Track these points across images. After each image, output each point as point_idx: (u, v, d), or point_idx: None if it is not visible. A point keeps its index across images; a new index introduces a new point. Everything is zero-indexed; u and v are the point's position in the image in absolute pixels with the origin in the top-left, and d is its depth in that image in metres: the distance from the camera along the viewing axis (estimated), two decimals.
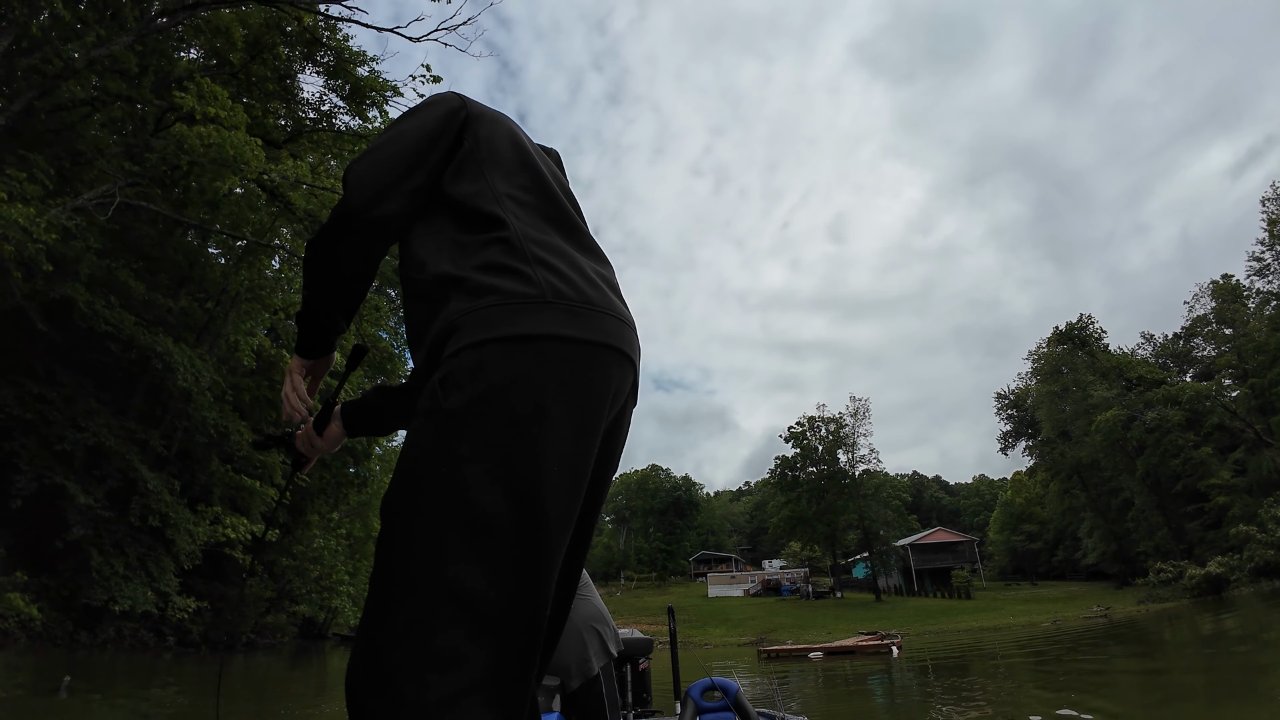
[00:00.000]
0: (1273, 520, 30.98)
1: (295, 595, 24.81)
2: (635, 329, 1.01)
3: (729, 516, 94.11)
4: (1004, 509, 68.57)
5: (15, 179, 8.44)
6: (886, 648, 20.57)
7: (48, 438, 13.52)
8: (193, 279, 18.92)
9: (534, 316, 0.85)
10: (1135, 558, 43.10)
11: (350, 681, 0.75)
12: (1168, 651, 12.36)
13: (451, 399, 0.80)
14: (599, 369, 0.89)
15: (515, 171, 1.05)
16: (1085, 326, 48.76)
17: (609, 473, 1.02)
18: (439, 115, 1.06)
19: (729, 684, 2.68)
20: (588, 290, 0.93)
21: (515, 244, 0.93)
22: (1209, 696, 6.41)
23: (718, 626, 40.67)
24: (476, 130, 1.08)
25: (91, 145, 11.13)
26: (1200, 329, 49.44)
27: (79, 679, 8.34)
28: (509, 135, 1.11)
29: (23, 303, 12.88)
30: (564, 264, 0.94)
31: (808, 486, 51.72)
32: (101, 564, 13.39)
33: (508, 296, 0.86)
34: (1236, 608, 22.66)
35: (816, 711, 7.44)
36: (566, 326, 0.86)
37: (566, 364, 0.84)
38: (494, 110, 1.16)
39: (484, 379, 0.80)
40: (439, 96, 1.11)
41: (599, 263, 1.05)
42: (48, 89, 10.15)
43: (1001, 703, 6.96)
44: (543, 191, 1.06)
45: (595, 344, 0.89)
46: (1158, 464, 40.31)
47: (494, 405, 0.79)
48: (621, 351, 0.93)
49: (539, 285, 0.88)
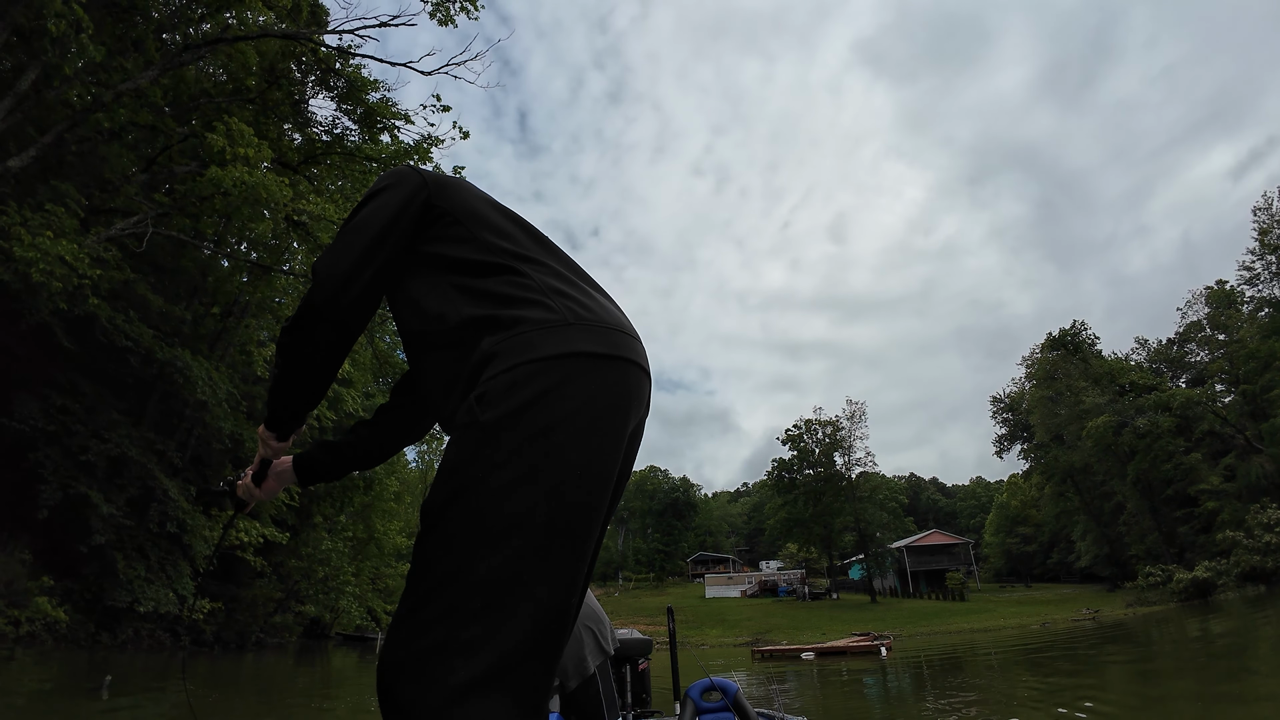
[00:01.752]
0: (1259, 526, 31.46)
1: (302, 596, 25.46)
2: (638, 338, 1.09)
3: (727, 517, 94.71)
4: (999, 511, 69.21)
5: (55, 213, 9.03)
6: (876, 648, 21.22)
7: (71, 448, 14.12)
8: (204, 289, 19.55)
9: (560, 337, 0.91)
10: (1127, 561, 43.56)
11: (381, 668, 0.80)
12: (1146, 652, 12.84)
13: (487, 413, 0.85)
14: (620, 380, 0.95)
15: (500, 223, 1.10)
16: (1078, 333, 49.41)
17: (624, 479, 1.07)
18: (400, 198, 1.07)
19: (728, 684, 2.69)
20: (600, 313, 1.00)
21: (528, 281, 1.00)
22: (1178, 699, 6.85)
23: (714, 627, 41.24)
24: (444, 200, 1.09)
25: (118, 172, 11.71)
26: (1194, 334, 50.05)
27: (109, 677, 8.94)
28: (479, 197, 1.15)
29: (49, 319, 13.50)
30: (576, 292, 1.02)
31: (804, 489, 52.33)
32: (125, 568, 14.01)
33: (537, 324, 0.93)
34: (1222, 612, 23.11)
35: (816, 711, 7.60)
36: (589, 344, 0.93)
37: (591, 377, 0.90)
38: (457, 178, 1.19)
39: (517, 395, 0.85)
40: (398, 176, 1.11)
41: (601, 292, 1.11)
42: (76, 121, 10.74)
43: (988, 702, 7.43)
44: (532, 236, 1.12)
45: (615, 358, 0.95)
46: (1149, 469, 40.85)
47: (526, 417, 0.84)
48: (638, 364, 1.00)
49: (560, 311, 0.95)
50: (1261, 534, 31.03)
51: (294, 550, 23.99)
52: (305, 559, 24.60)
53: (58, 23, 9.29)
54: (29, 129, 10.91)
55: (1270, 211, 40.21)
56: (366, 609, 31.52)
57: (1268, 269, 39.67)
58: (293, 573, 24.63)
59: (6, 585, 12.94)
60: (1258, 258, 40.13)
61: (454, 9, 15.26)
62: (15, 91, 11.20)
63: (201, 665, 15.06)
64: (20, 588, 13.19)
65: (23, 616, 12.92)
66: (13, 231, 8.33)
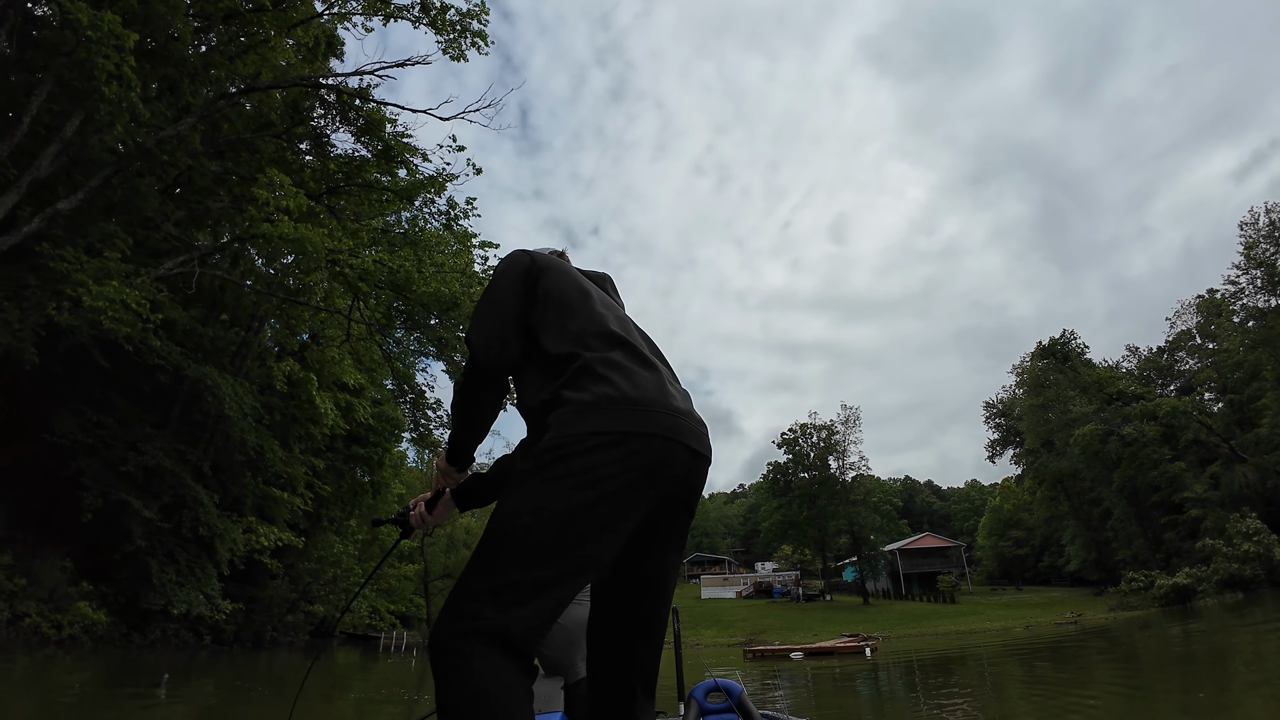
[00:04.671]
0: (1238, 535, 32.31)
1: (311, 596, 26.46)
2: (694, 417, 1.30)
3: (723, 519, 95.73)
4: (992, 515, 70.08)
5: (112, 259, 9.99)
6: (861, 649, 22.33)
7: (109, 459, 15.10)
8: (223, 303, 20.51)
9: (584, 420, 1.16)
10: (1115, 565, 44.28)
11: (436, 623, 1.07)
12: (1113, 656, 13.56)
13: (529, 462, 1.17)
14: (627, 454, 1.15)
15: (579, 310, 1.35)
16: (1068, 341, 50.40)
17: (661, 541, 1.31)
18: (517, 275, 1.39)
19: (733, 685, 2.70)
20: (633, 393, 1.20)
21: (581, 369, 1.24)
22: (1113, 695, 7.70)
23: (709, 628, 42.17)
24: (545, 282, 1.39)
25: (156, 209, 12.67)
26: (1184, 343, 50.89)
27: (167, 675, 9.93)
28: (570, 280, 1.43)
29: (87, 342, 14.47)
30: (619, 376, 1.22)
31: (799, 492, 53.25)
32: (159, 572, 15.03)
33: (576, 406, 1.18)
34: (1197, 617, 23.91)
35: (808, 709, 7.92)
36: (606, 424, 1.15)
37: (597, 450, 1.13)
38: (554, 259, 1.50)
39: (549, 453, 1.15)
40: (513, 259, 1.44)
41: (651, 369, 1.30)
42: (121, 166, 11.69)
43: (970, 699, 8.26)
44: (600, 323, 1.34)
45: (645, 437, 1.17)
46: (1135, 476, 41.61)
47: (547, 467, 1.14)
48: (665, 437, 1.19)
49: (595, 394, 1.19)
50: (1241, 543, 31.83)
51: (306, 553, 24.99)
52: (317, 561, 25.61)
53: (110, 85, 10.25)
54: (76, 174, 11.85)
55: (1257, 226, 41.01)
56: (371, 608, 32.53)
57: (1252, 283, 40.48)
58: (304, 574, 25.64)
59: (50, 592, 13.95)
60: (1242, 271, 40.91)
61: (465, 45, 16.30)
62: (61, 137, 12.18)
63: (222, 662, 16.04)
64: (61, 593, 14.21)
65: (64, 620, 13.93)
66: (75, 277, 9.31)
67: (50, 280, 10.36)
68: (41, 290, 10.43)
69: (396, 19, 15.75)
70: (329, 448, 24.80)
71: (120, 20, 9.97)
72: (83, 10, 9.82)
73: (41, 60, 11.65)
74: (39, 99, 11.68)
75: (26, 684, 9.14)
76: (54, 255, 9.89)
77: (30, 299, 10.55)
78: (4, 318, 10.21)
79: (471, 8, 15.69)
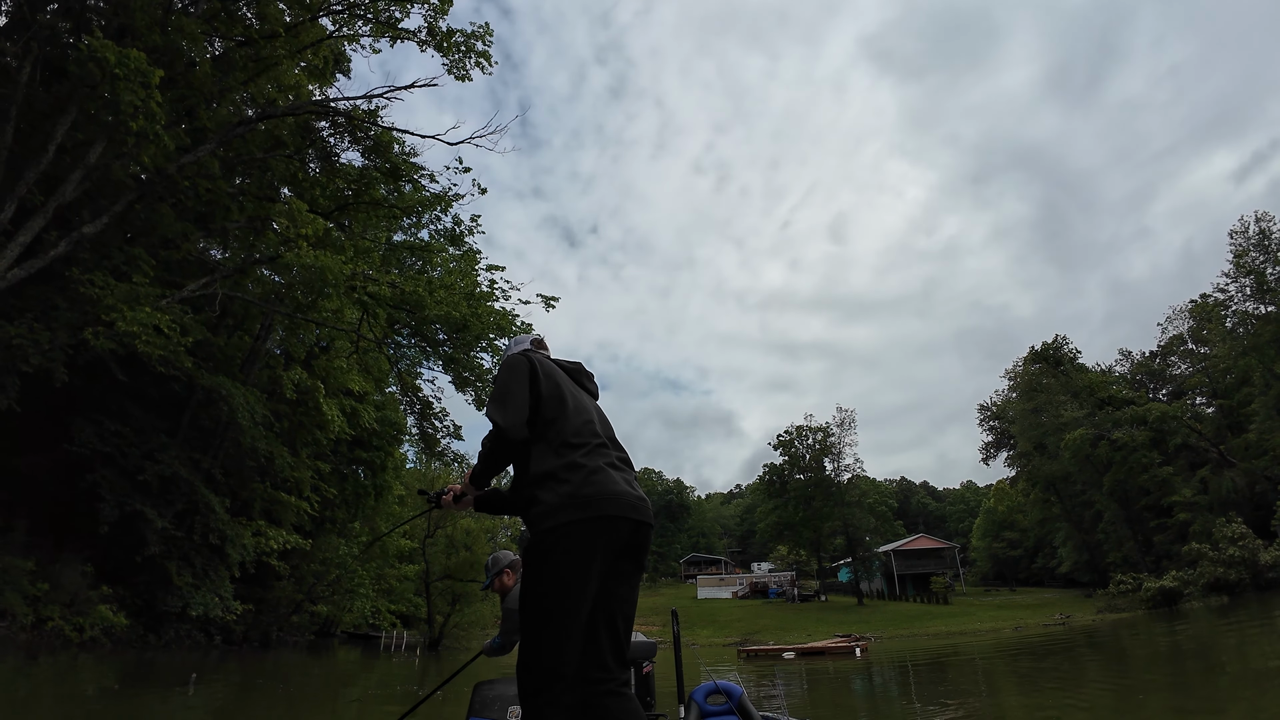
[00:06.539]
0: (1224, 539, 32.95)
1: (315, 597, 27.07)
2: (636, 494, 1.79)
3: (720, 519, 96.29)
4: (987, 516, 70.76)
5: (140, 283, 10.55)
6: (851, 649, 23.03)
7: (126, 468, 15.68)
8: (231, 312, 21.09)
9: (553, 517, 1.66)
10: (1105, 567, 44.84)
11: (518, 669, 1.66)
12: (1095, 658, 14.07)
13: (530, 557, 1.69)
14: (588, 538, 1.65)
15: (557, 418, 1.84)
16: (1060, 346, 51.07)
17: (621, 585, 1.78)
18: (523, 374, 1.88)
19: (733, 687, 2.76)
20: (587, 490, 1.70)
21: (553, 473, 1.74)
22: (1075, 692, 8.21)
23: (705, 628, 42.77)
24: (539, 387, 1.87)
25: (177, 231, 13.24)
26: (1176, 347, 51.51)
27: (194, 675, 10.53)
28: (555, 386, 1.91)
29: (105, 356, 15.05)
30: (580, 476, 1.72)
31: (795, 493, 53.92)
32: (176, 575, 15.63)
33: (546, 505, 1.69)
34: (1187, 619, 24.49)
35: (814, 713, 8.11)
36: (569, 515, 1.65)
37: (565, 539, 1.64)
38: (544, 361, 1.99)
39: (534, 552, 1.67)
40: (517, 361, 1.94)
41: (606, 461, 1.81)
42: (143, 192, 12.25)
43: (957, 698, 8.77)
44: (572, 430, 1.82)
45: (591, 520, 1.66)
46: (1125, 480, 42.28)
47: (532, 560, 1.67)
48: (619, 518, 1.70)
49: (561, 496, 1.69)
50: (1226, 547, 32.46)
51: (310, 555, 25.59)
52: (321, 563, 26.21)
53: (138, 119, 10.82)
54: (100, 198, 12.41)
55: (1247, 235, 41.58)
56: (373, 608, 33.13)
57: (1240, 290, 41.08)
58: (309, 576, 26.24)
59: (72, 596, 14.54)
60: (1231, 280, 41.51)
61: (469, 65, 16.88)
62: (85, 164, 12.74)
63: (234, 662, 16.64)
64: (83, 597, 14.80)
65: (86, 623, 14.51)
66: (106, 301, 9.87)
67: (78, 303, 10.92)
68: (70, 312, 10.99)
69: (403, 40, 16.36)
70: (333, 451, 25.41)
71: (145, 58, 10.52)
72: (109, 49, 10.38)
73: (67, 90, 12.20)
74: (63, 127, 12.26)
75: (58, 684, 9.71)
76: (84, 280, 10.46)
77: (59, 320, 11.11)
78: (35, 339, 10.78)
79: (475, 29, 16.30)
